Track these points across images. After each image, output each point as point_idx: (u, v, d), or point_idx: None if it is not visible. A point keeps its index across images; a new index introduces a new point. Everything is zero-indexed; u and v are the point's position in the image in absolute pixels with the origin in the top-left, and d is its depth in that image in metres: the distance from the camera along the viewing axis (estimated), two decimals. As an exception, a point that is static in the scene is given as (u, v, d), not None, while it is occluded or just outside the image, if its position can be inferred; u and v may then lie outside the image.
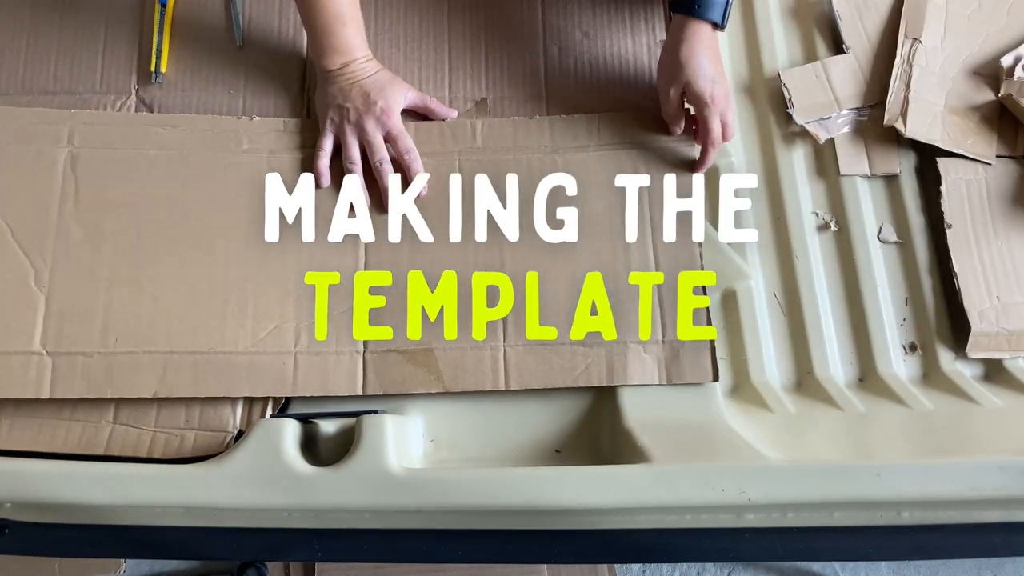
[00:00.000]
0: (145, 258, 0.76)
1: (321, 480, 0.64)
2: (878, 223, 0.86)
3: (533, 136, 0.82)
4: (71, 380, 0.72)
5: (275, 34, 0.87)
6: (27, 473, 0.65)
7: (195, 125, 0.82)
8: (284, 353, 0.74)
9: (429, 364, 0.74)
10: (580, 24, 0.88)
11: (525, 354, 0.74)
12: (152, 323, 0.74)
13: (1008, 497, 0.61)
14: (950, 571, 1.38)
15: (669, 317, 0.76)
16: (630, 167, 0.81)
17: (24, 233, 0.77)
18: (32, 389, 0.72)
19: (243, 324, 0.75)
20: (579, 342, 0.75)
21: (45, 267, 0.75)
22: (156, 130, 0.81)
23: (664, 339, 0.75)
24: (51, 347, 0.73)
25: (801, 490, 0.62)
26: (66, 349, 0.73)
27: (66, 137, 0.80)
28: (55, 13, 0.87)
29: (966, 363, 0.81)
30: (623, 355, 0.75)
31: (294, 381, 0.73)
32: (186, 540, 0.68)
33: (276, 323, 0.75)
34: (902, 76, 0.88)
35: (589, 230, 0.79)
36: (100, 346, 0.73)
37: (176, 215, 0.78)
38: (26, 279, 0.75)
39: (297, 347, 0.74)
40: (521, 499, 0.63)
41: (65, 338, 0.73)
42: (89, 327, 0.74)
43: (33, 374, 0.72)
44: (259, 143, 0.81)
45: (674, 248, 0.78)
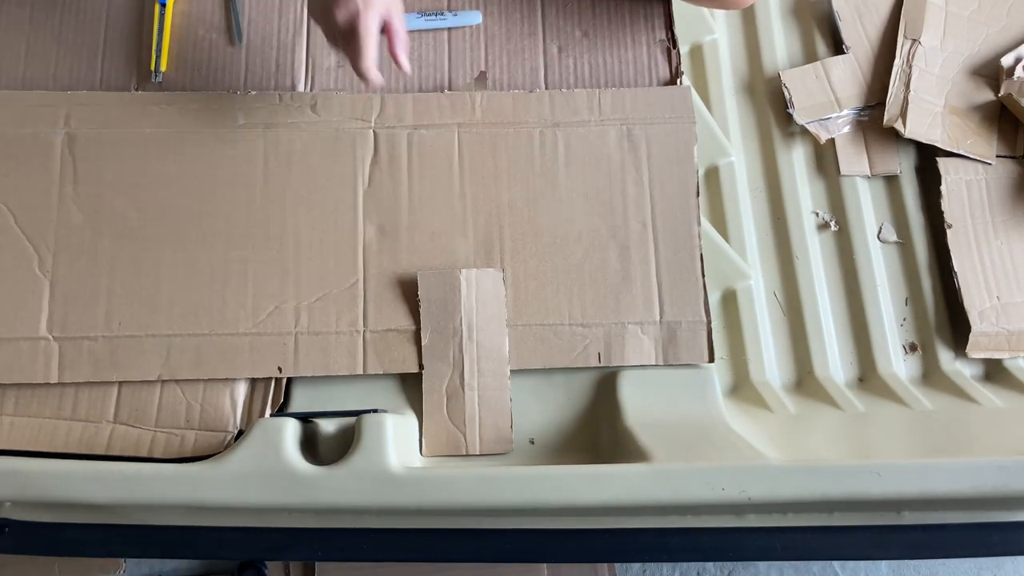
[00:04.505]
0: (146, 240, 0.77)
1: (321, 479, 0.64)
2: (878, 223, 0.86)
3: (533, 109, 0.82)
4: (78, 364, 0.73)
5: (275, 34, 0.87)
6: (27, 472, 0.65)
7: (191, 101, 0.82)
8: (285, 334, 0.74)
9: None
10: (580, 23, 0.88)
11: (524, 335, 0.75)
12: (154, 306, 0.75)
13: (1008, 497, 0.61)
14: (950, 571, 1.38)
15: (667, 297, 0.76)
16: (628, 142, 0.81)
17: (26, 218, 0.77)
18: (40, 374, 0.73)
19: (243, 305, 0.75)
20: (577, 323, 0.75)
21: (48, 252, 0.76)
22: (152, 108, 0.81)
23: (662, 320, 0.76)
24: (57, 332, 0.74)
25: (801, 489, 0.61)
26: (72, 334, 0.74)
27: (63, 119, 0.80)
28: (55, 12, 0.87)
29: (966, 363, 0.81)
30: (621, 336, 0.75)
31: (295, 362, 0.74)
32: (186, 539, 0.68)
33: (276, 304, 0.75)
34: (901, 77, 0.88)
35: (588, 206, 0.79)
36: (104, 330, 0.74)
37: (174, 194, 0.78)
38: (30, 265, 0.76)
39: (297, 327, 0.75)
40: (521, 498, 0.63)
41: (70, 323, 0.74)
42: (93, 311, 0.74)
43: (41, 359, 0.73)
44: (255, 117, 0.81)
45: (672, 227, 0.78)
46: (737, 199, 0.86)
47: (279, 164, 0.79)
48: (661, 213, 0.79)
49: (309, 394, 0.75)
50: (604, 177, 0.80)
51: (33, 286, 0.75)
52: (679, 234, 0.78)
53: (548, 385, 0.75)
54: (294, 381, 0.76)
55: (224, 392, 0.74)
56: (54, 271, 0.76)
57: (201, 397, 0.74)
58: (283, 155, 0.80)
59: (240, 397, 0.74)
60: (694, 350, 0.75)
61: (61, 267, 0.76)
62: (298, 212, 0.78)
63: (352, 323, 0.75)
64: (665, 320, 0.76)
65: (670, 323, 0.75)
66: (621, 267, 0.77)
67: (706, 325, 0.75)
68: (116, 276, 0.76)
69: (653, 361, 0.75)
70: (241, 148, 0.80)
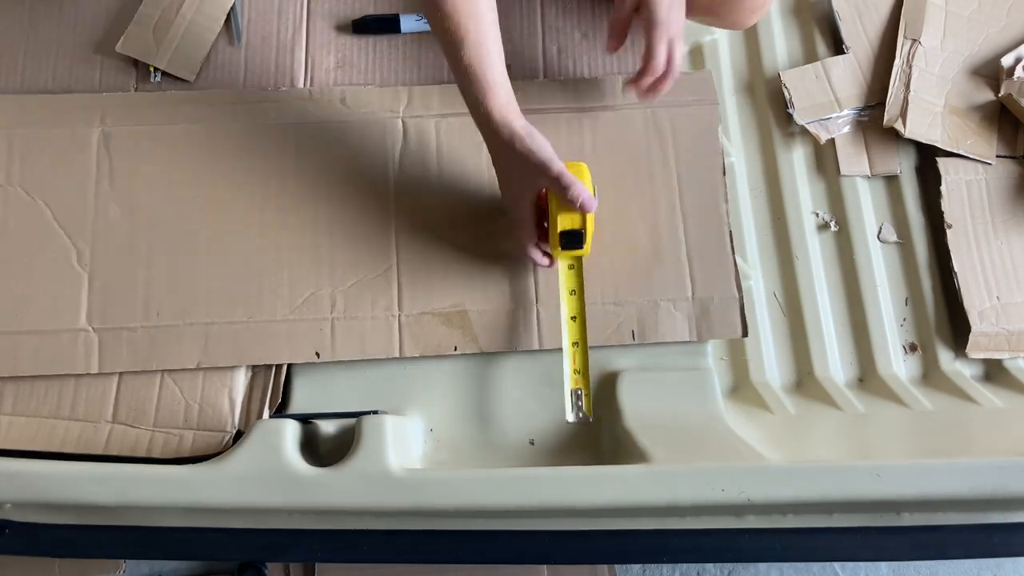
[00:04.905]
0: (181, 232, 0.78)
1: (321, 480, 0.64)
2: (878, 223, 0.86)
3: (559, 95, 0.83)
4: (118, 354, 0.74)
5: (274, 34, 0.87)
6: (27, 473, 0.65)
7: (221, 99, 0.83)
8: (321, 319, 0.75)
9: (464, 326, 0.75)
10: (579, 25, 0.88)
11: (557, 314, 0.75)
12: (192, 295, 0.76)
13: (1008, 497, 0.61)
14: (950, 571, 1.38)
15: (698, 274, 0.77)
16: (654, 125, 0.82)
17: (64, 214, 0.78)
18: (81, 365, 0.73)
19: (279, 293, 0.76)
20: (610, 301, 0.76)
21: (86, 246, 0.77)
22: (184, 106, 0.82)
23: (694, 296, 0.76)
24: (96, 323, 0.75)
25: (800, 490, 0.61)
26: (111, 325, 0.75)
27: (98, 118, 0.81)
28: (55, 12, 0.87)
29: (966, 363, 0.81)
30: (654, 313, 0.76)
31: (332, 347, 0.74)
32: (186, 540, 0.68)
33: (312, 290, 0.76)
34: (901, 77, 0.88)
35: (615, 188, 0.79)
36: (143, 320, 0.75)
37: (209, 188, 0.79)
38: (69, 259, 0.77)
39: (333, 313, 0.75)
40: (521, 499, 0.63)
41: (109, 314, 0.75)
42: (131, 302, 0.75)
43: (81, 350, 0.74)
44: (285, 112, 0.82)
45: (701, 206, 0.79)
46: (737, 199, 0.86)
47: (311, 156, 0.80)
48: (689, 192, 0.80)
49: (308, 394, 0.75)
50: (631, 159, 0.81)
51: (72, 279, 0.76)
52: (707, 212, 0.79)
53: (548, 386, 0.75)
54: (293, 381, 0.76)
55: (223, 392, 0.74)
56: (92, 264, 0.77)
57: (200, 397, 0.74)
58: (314, 147, 0.81)
59: (239, 397, 0.74)
60: (727, 325, 0.76)
61: (99, 260, 0.77)
62: (331, 201, 0.79)
63: (387, 307, 0.76)
64: (697, 296, 0.76)
65: (702, 299, 0.76)
66: (652, 246, 0.78)
67: (738, 300, 0.76)
68: (153, 268, 0.77)
69: (687, 337, 0.75)
70: (272, 141, 0.81)
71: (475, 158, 0.81)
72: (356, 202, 0.79)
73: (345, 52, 0.86)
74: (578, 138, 0.82)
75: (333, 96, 0.83)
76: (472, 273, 0.77)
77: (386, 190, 0.80)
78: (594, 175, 0.76)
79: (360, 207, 0.79)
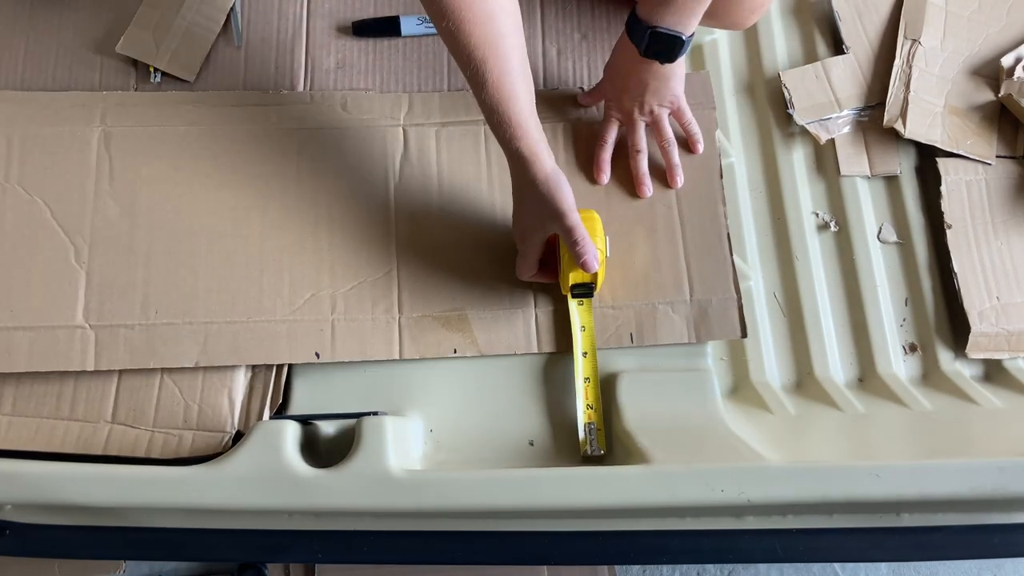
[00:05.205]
0: (181, 232, 0.78)
1: (321, 481, 0.64)
2: (878, 223, 0.86)
3: (556, 103, 0.84)
4: (114, 352, 0.74)
5: (274, 34, 0.87)
6: (27, 474, 0.65)
7: (223, 101, 0.83)
8: (322, 320, 0.75)
9: (464, 329, 0.75)
10: (579, 26, 0.88)
11: (556, 318, 0.76)
12: (191, 295, 0.75)
13: (1008, 497, 0.61)
14: (950, 571, 1.38)
15: (696, 276, 0.77)
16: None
17: (62, 212, 0.78)
18: (77, 361, 0.73)
19: (280, 293, 0.76)
20: (608, 305, 0.76)
21: (84, 244, 0.77)
22: (186, 107, 0.82)
23: (692, 298, 0.76)
24: (93, 320, 0.74)
25: (800, 491, 0.61)
26: (108, 322, 0.74)
27: (99, 117, 0.81)
28: (55, 12, 0.87)
29: (966, 363, 0.81)
30: (652, 316, 0.76)
31: (332, 348, 0.74)
32: (186, 541, 0.68)
33: (312, 292, 0.76)
34: (901, 77, 0.88)
35: (614, 192, 0.80)
36: (141, 318, 0.75)
37: (209, 188, 0.79)
38: (67, 256, 0.77)
39: (334, 314, 0.75)
40: (521, 500, 0.63)
41: (107, 311, 0.75)
42: (130, 300, 0.75)
43: (78, 347, 0.74)
44: (287, 115, 0.82)
45: (698, 209, 0.80)
46: (737, 199, 0.86)
47: (312, 160, 0.81)
48: (686, 196, 0.80)
49: (308, 395, 0.75)
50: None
51: (69, 276, 0.76)
52: (705, 215, 0.79)
53: (547, 387, 0.75)
54: (293, 382, 0.76)
55: (222, 392, 0.74)
56: (90, 262, 0.76)
57: (199, 397, 0.74)
58: (316, 151, 0.81)
59: (238, 398, 0.74)
60: (725, 326, 0.76)
61: (97, 258, 0.77)
62: (332, 205, 0.79)
63: (387, 309, 0.76)
64: (695, 299, 0.77)
65: (700, 302, 0.76)
66: (649, 249, 0.78)
67: (736, 302, 0.77)
68: (152, 267, 0.76)
69: (685, 339, 0.75)
70: (274, 144, 0.81)
71: (475, 165, 0.81)
72: (357, 207, 0.79)
73: (345, 53, 0.86)
74: (575, 143, 0.82)
75: (334, 101, 0.83)
76: (472, 277, 0.77)
77: (387, 195, 0.80)
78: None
79: (361, 212, 0.79)
